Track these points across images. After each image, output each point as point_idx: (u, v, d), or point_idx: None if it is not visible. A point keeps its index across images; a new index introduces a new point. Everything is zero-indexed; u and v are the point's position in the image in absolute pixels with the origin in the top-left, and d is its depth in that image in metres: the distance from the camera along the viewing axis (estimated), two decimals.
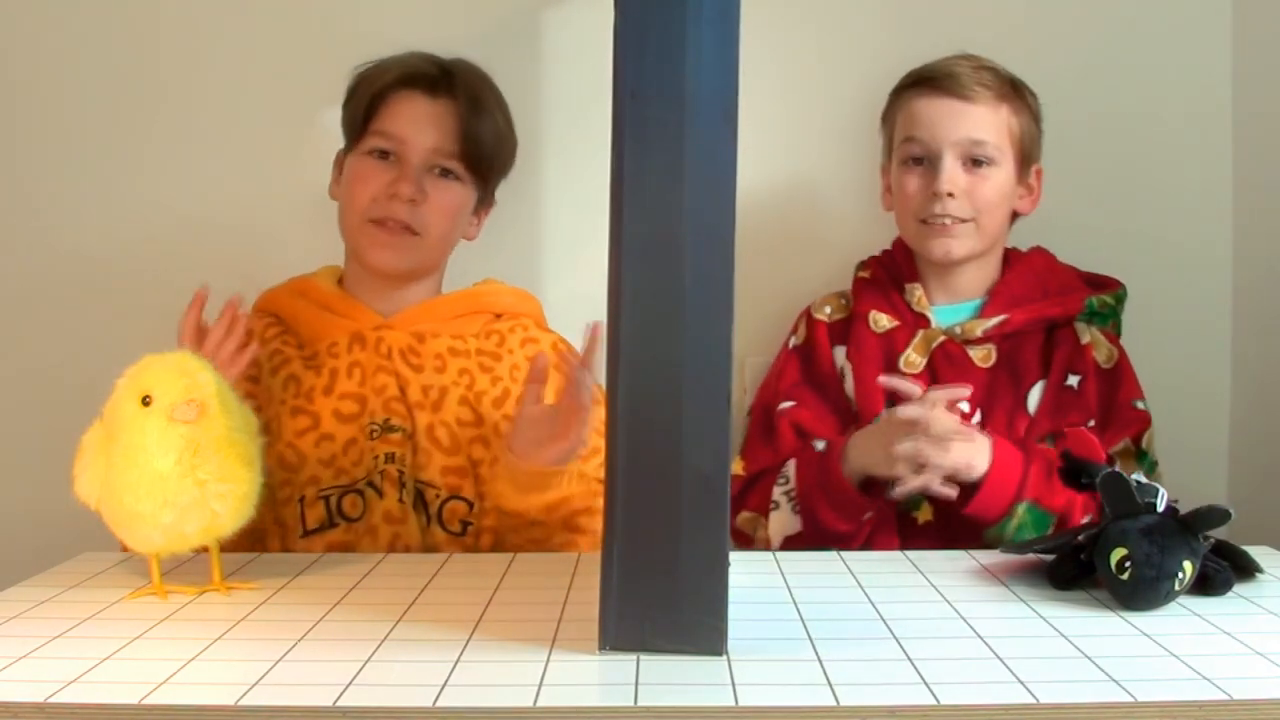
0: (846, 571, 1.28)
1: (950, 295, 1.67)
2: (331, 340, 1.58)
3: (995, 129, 1.62)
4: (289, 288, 1.66)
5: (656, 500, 0.96)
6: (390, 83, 1.59)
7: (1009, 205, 1.66)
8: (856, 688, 0.90)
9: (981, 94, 1.61)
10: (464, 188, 1.62)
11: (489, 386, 1.59)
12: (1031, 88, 1.69)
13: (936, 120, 1.62)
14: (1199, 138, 1.93)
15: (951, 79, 1.62)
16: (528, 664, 0.96)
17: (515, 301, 1.69)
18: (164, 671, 0.95)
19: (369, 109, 1.59)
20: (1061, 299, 1.66)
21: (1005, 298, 1.65)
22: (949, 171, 1.60)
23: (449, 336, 1.61)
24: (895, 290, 1.69)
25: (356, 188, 1.59)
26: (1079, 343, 1.63)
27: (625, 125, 0.96)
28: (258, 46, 1.90)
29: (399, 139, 1.58)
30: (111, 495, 1.16)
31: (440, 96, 1.60)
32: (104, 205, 1.91)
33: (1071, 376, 1.61)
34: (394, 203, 1.57)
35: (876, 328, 1.66)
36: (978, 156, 1.61)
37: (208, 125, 1.91)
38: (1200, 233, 1.94)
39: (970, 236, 1.62)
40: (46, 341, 1.92)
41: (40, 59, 1.91)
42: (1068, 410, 1.59)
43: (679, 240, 0.95)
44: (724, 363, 0.96)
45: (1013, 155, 1.63)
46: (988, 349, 1.63)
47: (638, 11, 0.96)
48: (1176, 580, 1.10)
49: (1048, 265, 1.70)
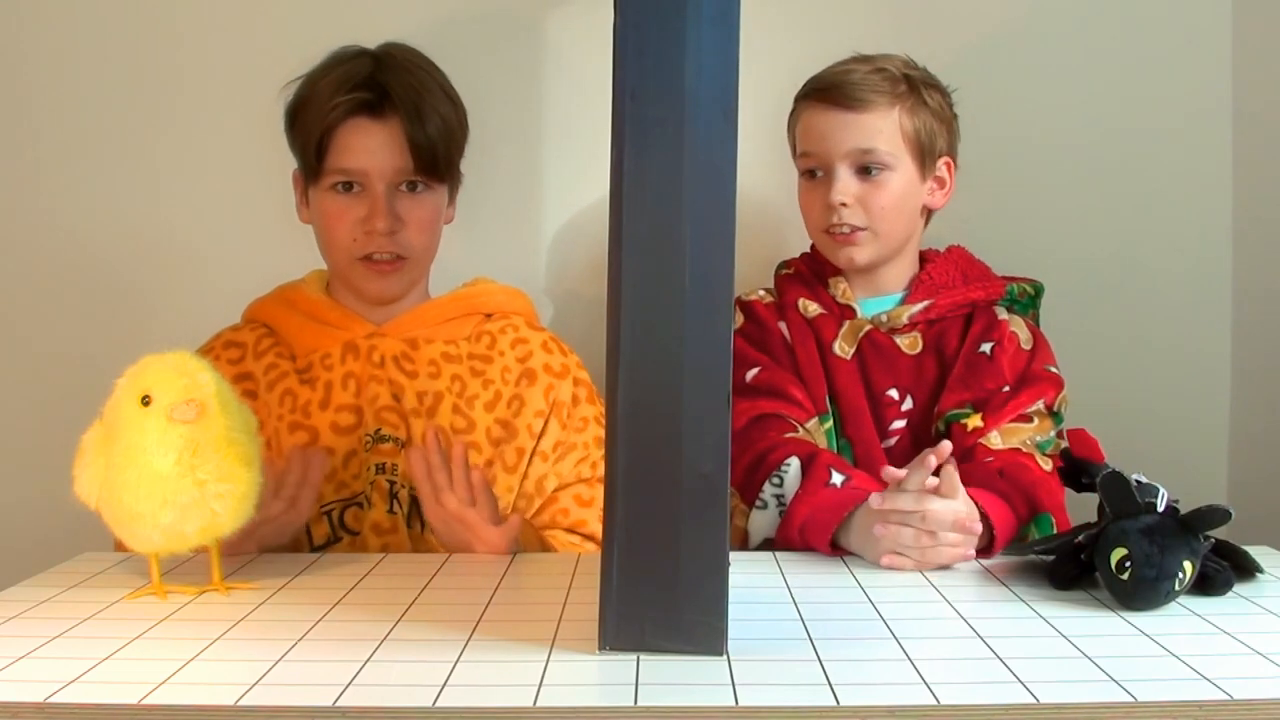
0: (846, 571, 1.28)
1: (872, 290, 1.69)
2: (324, 352, 1.58)
3: (886, 135, 1.61)
4: (277, 296, 1.65)
5: (656, 500, 0.96)
6: (336, 118, 1.55)
7: (912, 206, 1.65)
8: (856, 688, 0.90)
9: (872, 101, 1.61)
10: (434, 194, 1.61)
11: (480, 390, 1.59)
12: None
13: (826, 133, 1.63)
14: (1199, 137, 1.93)
15: (839, 89, 1.62)
16: (528, 664, 0.96)
17: (506, 300, 1.68)
18: (164, 671, 0.95)
19: (319, 146, 1.56)
20: (983, 284, 1.67)
21: (928, 286, 1.67)
22: (841, 182, 1.61)
23: (442, 342, 1.61)
24: (820, 284, 1.70)
25: (334, 226, 1.57)
26: (996, 319, 1.64)
27: (625, 125, 0.96)
28: (255, 45, 1.90)
29: (360, 172, 1.56)
30: (111, 495, 1.16)
31: (386, 116, 1.56)
32: (105, 206, 1.91)
33: (984, 344, 1.62)
34: (375, 238, 1.55)
35: (806, 313, 1.67)
36: (868, 164, 1.61)
37: (207, 125, 1.91)
38: (1200, 233, 1.94)
39: (871, 243, 1.63)
40: (46, 342, 1.92)
41: (39, 59, 1.91)
42: (981, 376, 1.59)
43: (679, 240, 0.95)
44: (724, 363, 0.96)
45: (911, 156, 1.63)
46: (913, 336, 1.64)
47: (638, 11, 0.96)
48: (1176, 580, 1.10)
49: (966, 258, 1.71)
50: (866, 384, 1.62)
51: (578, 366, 1.65)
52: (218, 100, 1.91)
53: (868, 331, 1.64)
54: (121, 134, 1.91)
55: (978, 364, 1.61)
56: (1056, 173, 1.82)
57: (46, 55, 1.91)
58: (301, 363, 1.58)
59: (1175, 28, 1.92)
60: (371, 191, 1.56)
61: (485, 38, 1.92)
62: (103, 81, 1.91)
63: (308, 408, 1.54)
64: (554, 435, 1.59)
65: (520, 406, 1.59)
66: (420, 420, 1.54)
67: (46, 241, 1.92)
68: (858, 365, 1.63)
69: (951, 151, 1.68)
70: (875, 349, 1.64)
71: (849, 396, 1.61)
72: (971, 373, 1.60)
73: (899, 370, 1.63)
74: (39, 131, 1.92)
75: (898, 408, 1.61)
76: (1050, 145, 1.74)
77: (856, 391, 1.62)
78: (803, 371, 1.64)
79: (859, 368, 1.63)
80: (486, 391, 1.59)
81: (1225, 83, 1.92)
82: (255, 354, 1.58)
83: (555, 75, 1.92)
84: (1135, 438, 1.69)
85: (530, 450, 1.57)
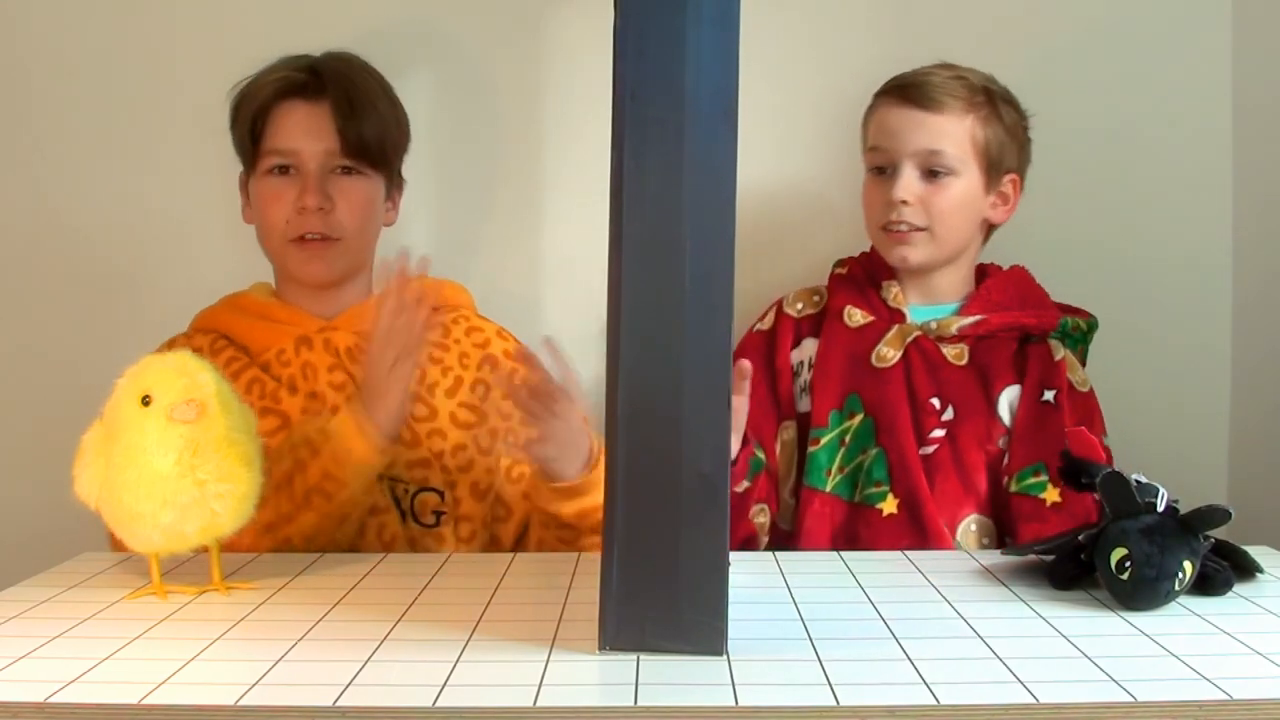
0: (846, 571, 1.28)
1: (925, 298, 1.69)
2: (279, 348, 1.59)
3: (956, 139, 1.62)
4: (225, 304, 1.66)
5: (656, 500, 0.96)
6: (268, 98, 1.60)
7: (972, 214, 1.66)
8: (856, 688, 0.90)
9: (947, 104, 1.62)
10: (368, 180, 1.63)
11: (440, 377, 1.60)
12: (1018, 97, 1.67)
13: (897, 130, 1.64)
14: (1199, 138, 1.93)
15: (918, 88, 1.63)
16: (528, 664, 0.96)
17: (452, 293, 1.70)
18: (164, 671, 0.95)
19: (253, 129, 1.60)
20: (1038, 311, 1.67)
21: (983, 301, 1.67)
22: (905, 180, 1.62)
23: None
24: (872, 288, 1.70)
25: (268, 209, 1.60)
26: (1053, 359, 1.64)
27: (625, 125, 0.96)
28: (251, 46, 1.90)
29: (291, 152, 1.59)
30: (111, 495, 1.16)
31: (317, 99, 1.60)
32: (106, 205, 1.91)
33: (1047, 391, 1.62)
34: (305, 216, 1.58)
35: (850, 322, 1.68)
36: (935, 166, 1.62)
37: (207, 124, 1.90)
38: (1200, 232, 1.94)
39: (926, 244, 1.64)
40: (46, 342, 1.92)
41: (33, 57, 1.91)
42: (1049, 431, 1.59)
43: (679, 240, 0.95)
44: (724, 363, 0.96)
45: (978, 165, 1.64)
46: (960, 348, 1.65)
47: (638, 11, 0.96)
48: (1176, 580, 1.10)
49: (1026, 280, 1.71)
50: (910, 390, 1.62)
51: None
52: (212, 99, 1.90)
53: (916, 338, 1.64)
54: (126, 133, 1.91)
55: (1045, 417, 1.60)
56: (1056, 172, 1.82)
57: (42, 54, 1.91)
58: (258, 361, 1.59)
59: (1175, 28, 1.92)
60: (304, 172, 1.59)
61: (485, 38, 1.92)
62: (103, 82, 1.91)
63: (276, 394, 1.55)
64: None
65: (486, 391, 1.61)
66: None
67: (48, 242, 1.92)
68: (903, 370, 1.63)
69: (1020, 171, 1.69)
70: (922, 356, 1.64)
71: (890, 402, 1.61)
72: (1040, 427, 1.60)
73: (942, 379, 1.63)
74: (36, 129, 1.92)
75: (938, 417, 1.61)
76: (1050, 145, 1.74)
77: (899, 397, 1.61)
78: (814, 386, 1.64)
79: (904, 373, 1.63)
80: (446, 378, 1.60)
81: (1225, 82, 1.92)
82: (212, 354, 1.58)
83: (555, 75, 1.92)
84: (1135, 438, 1.69)
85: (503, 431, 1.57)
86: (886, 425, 1.61)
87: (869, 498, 1.60)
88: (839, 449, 1.63)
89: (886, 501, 1.59)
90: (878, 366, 1.64)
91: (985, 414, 1.62)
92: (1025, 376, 1.63)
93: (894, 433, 1.61)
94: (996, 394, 1.63)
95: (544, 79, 1.92)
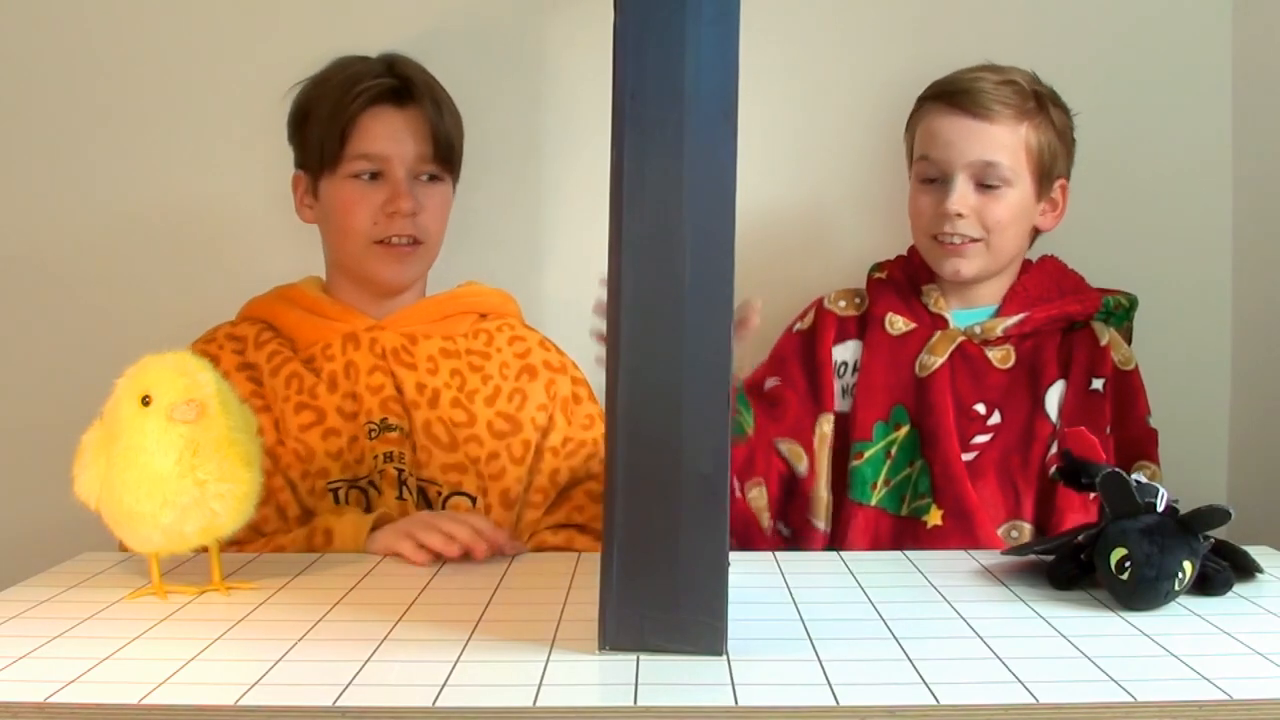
0: (846, 571, 1.28)
1: (966, 302, 1.67)
2: (325, 343, 1.60)
3: (1011, 150, 1.59)
4: (275, 295, 1.67)
5: (656, 500, 0.96)
6: (359, 106, 1.60)
7: (1025, 223, 1.64)
8: (856, 688, 0.90)
9: (1000, 113, 1.58)
10: (446, 186, 1.67)
11: (480, 385, 1.61)
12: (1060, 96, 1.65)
13: (951, 140, 1.60)
14: (1198, 138, 1.92)
15: (969, 95, 1.59)
16: (528, 664, 0.96)
17: (499, 302, 1.72)
18: (164, 671, 0.95)
19: (341, 135, 1.60)
20: (1079, 296, 1.66)
21: (1023, 298, 1.65)
22: (959, 192, 1.59)
23: (440, 338, 1.63)
24: (912, 293, 1.69)
25: (351, 212, 1.61)
26: (1098, 344, 1.63)
27: (625, 125, 0.96)
28: (248, 46, 1.90)
29: (383, 158, 1.60)
30: (111, 495, 1.16)
31: (408, 105, 1.62)
32: (106, 204, 1.91)
33: (1095, 380, 1.61)
34: (396, 220, 1.60)
35: (892, 330, 1.66)
36: (989, 177, 1.59)
37: (211, 123, 1.90)
38: (1200, 233, 1.93)
39: (980, 256, 1.62)
40: (46, 342, 1.92)
41: (46, 56, 1.91)
42: (1098, 422, 1.58)
43: (679, 240, 0.95)
44: (724, 363, 0.96)
45: (1030, 174, 1.61)
46: (1006, 349, 1.63)
47: (638, 11, 0.96)
48: (1176, 580, 1.10)
49: (1060, 269, 1.70)
50: (955, 396, 1.61)
51: (574, 366, 1.68)
52: (223, 101, 1.90)
53: (960, 343, 1.63)
54: (127, 134, 1.90)
55: (1094, 407, 1.59)
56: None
57: (55, 52, 1.90)
58: (303, 354, 1.60)
59: (1175, 27, 1.92)
60: (392, 177, 1.60)
61: (485, 38, 1.91)
62: (103, 83, 1.90)
63: (315, 389, 1.56)
64: (561, 431, 1.62)
65: (523, 401, 1.61)
66: (420, 412, 1.56)
67: (48, 243, 1.92)
68: (948, 376, 1.62)
69: (1067, 174, 1.66)
70: (966, 361, 1.62)
71: (935, 411, 1.60)
72: (1087, 419, 1.58)
73: (988, 384, 1.61)
74: (38, 130, 1.91)
75: (983, 422, 1.60)
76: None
77: (944, 403, 1.60)
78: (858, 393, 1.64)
79: (949, 379, 1.61)
80: (486, 386, 1.61)
81: (1225, 82, 1.92)
82: (256, 345, 1.60)
83: (555, 75, 1.92)
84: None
85: (535, 443, 1.60)
86: (930, 435, 1.60)
87: (916, 510, 1.59)
88: (885, 462, 1.62)
89: (931, 514, 1.58)
90: (921, 375, 1.62)
91: (1032, 415, 1.60)
92: (1071, 368, 1.62)
93: (937, 442, 1.59)
94: (1044, 391, 1.61)
95: (544, 79, 1.92)
